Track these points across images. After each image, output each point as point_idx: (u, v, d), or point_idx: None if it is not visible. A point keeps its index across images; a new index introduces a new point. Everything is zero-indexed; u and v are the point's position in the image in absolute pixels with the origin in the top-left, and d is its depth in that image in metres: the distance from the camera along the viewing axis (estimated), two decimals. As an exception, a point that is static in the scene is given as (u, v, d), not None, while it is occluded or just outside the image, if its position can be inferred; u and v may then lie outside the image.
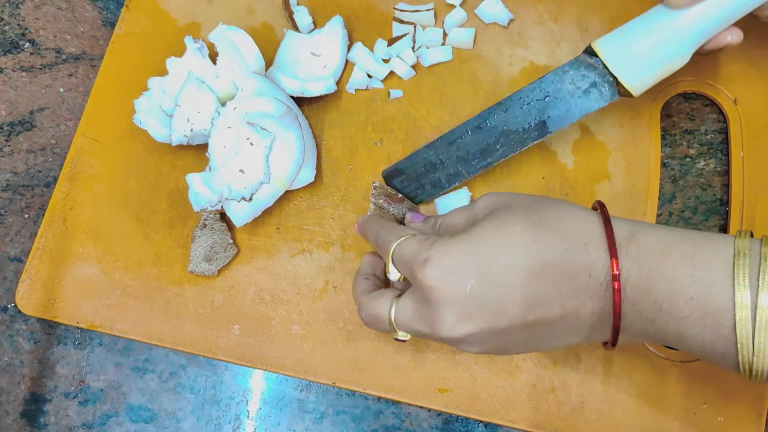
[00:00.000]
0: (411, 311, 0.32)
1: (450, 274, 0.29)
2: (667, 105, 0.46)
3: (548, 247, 0.29)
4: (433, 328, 0.30)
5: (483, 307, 0.29)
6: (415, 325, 0.32)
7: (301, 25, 0.47)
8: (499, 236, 0.30)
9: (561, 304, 0.29)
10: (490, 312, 0.29)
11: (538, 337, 0.30)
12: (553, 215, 0.30)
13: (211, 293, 0.43)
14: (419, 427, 0.41)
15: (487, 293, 0.29)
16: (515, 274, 0.29)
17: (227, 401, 0.42)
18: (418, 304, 0.31)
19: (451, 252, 0.30)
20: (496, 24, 0.47)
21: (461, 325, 0.29)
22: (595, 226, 0.30)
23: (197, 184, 0.41)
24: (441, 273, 0.29)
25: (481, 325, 0.29)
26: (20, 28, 0.51)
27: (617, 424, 0.39)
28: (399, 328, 0.33)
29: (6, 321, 0.45)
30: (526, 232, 0.29)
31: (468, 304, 0.29)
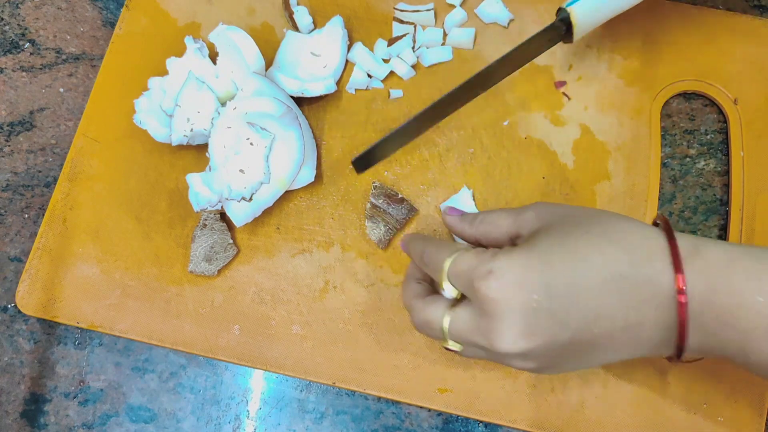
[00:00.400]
0: (468, 322, 0.31)
1: (515, 287, 0.29)
2: (667, 105, 0.46)
3: (613, 261, 0.29)
4: (492, 342, 0.29)
5: (547, 321, 0.28)
6: (471, 336, 0.31)
7: (301, 25, 0.47)
8: (563, 250, 0.29)
9: (625, 317, 0.29)
10: (554, 326, 0.28)
11: (598, 351, 0.30)
12: (615, 228, 0.30)
13: (211, 293, 0.43)
14: (419, 427, 0.41)
15: (552, 307, 0.28)
16: (581, 287, 0.28)
17: (227, 401, 0.42)
18: (477, 316, 0.30)
19: (515, 264, 0.29)
20: (496, 24, 0.47)
21: (523, 340, 0.29)
22: (658, 240, 0.30)
23: (197, 184, 0.41)
24: (505, 285, 0.29)
25: (543, 339, 0.29)
26: (20, 28, 0.51)
27: (617, 424, 0.39)
28: (452, 337, 0.32)
29: (6, 321, 0.45)
30: (591, 246, 0.29)
31: (532, 317, 0.28)
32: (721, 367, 0.39)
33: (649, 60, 0.46)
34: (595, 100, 0.45)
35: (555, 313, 0.28)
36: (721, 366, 0.39)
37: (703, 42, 0.46)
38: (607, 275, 0.29)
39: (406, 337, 0.41)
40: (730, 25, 0.46)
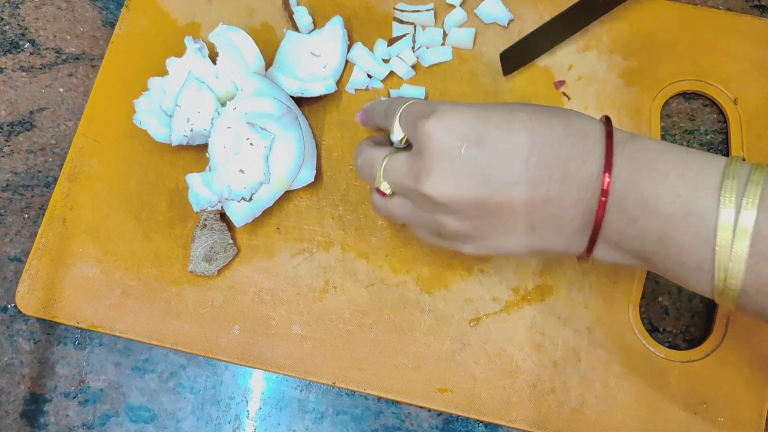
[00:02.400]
0: (402, 163, 0.32)
1: (450, 131, 0.30)
2: (667, 105, 0.46)
3: (548, 129, 0.30)
4: (418, 181, 0.30)
5: (471, 171, 0.29)
6: (402, 177, 0.32)
7: (301, 25, 0.47)
8: (506, 111, 0.30)
9: (547, 187, 0.29)
10: (477, 178, 0.29)
11: (517, 222, 0.30)
12: (562, 110, 0.31)
13: (211, 293, 0.43)
14: (419, 427, 0.41)
15: (479, 158, 0.29)
16: (511, 146, 0.29)
17: (227, 401, 0.42)
18: (412, 157, 0.32)
19: (456, 111, 0.30)
20: (496, 24, 0.47)
21: (445, 183, 0.30)
22: (598, 126, 0.30)
23: (197, 185, 0.41)
24: (442, 127, 0.30)
25: (463, 190, 0.30)
26: (20, 28, 0.51)
27: (617, 424, 0.39)
28: (386, 177, 0.33)
29: (6, 321, 0.45)
30: (533, 116, 0.30)
31: (458, 163, 0.30)
32: (721, 367, 0.39)
33: (649, 60, 0.46)
34: (595, 100, 0.45)
35: (480, 165, 0.29)
36: (721, 366, 0.39)
37: (703, 42, 0.46)
38: (538, 142, 0.29)
39: (406, 337, 0.41)
40: (730, 25, 0.46)
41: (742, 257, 0.26)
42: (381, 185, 0.34)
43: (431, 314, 0.41)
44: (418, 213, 0.33)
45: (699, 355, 0.39)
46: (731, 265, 0.26)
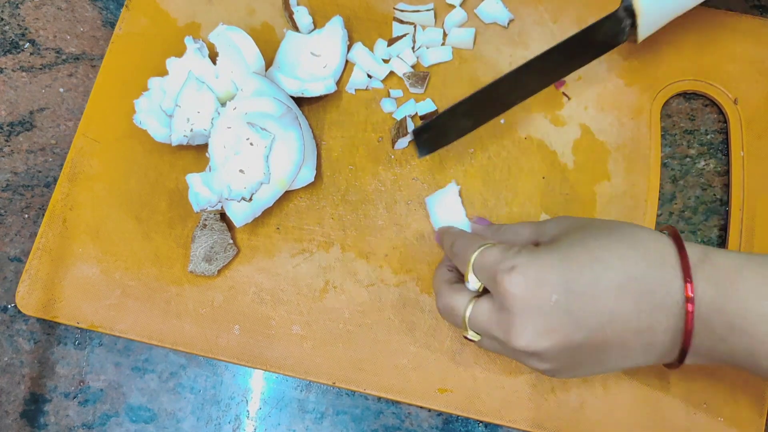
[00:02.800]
0: (488, 315, 0.32)
1: (536, 284, 0.29)
2: (667, 105, 0.46)
3: (631, 264, 0.30)
4: (509, 337, 0.30)
5: (564, 320, 0.29)
6: (490, 329, 0.32)
7: (301, 25, 0.47)
8: (584, 251, 0.30)
9: (638, 320, 0.29)
10: (570, 325, 0.29)
11: (611, 354, 0.30)
12: (632, 235, 0.31)
13: (211, 293, 0.43)
14: (419, 427, 0.41)
15: (570, 306, 0.29)
16: (598, 288, 0.29)
17: (227, 401, 0.42)
18: (497, 310, 0.31)
19: (538, 263, 0.30)
20: (496, 24, 0.47)
21: (539, 338, 0.29)
22: (670, 247, 0.30)
23: (197, 185, 0.40)
24: (526, 282, 0.29)
25: (559, 339, 0.29)
26: (20, 28, 0.51)
27: (617, 424, 0.39)
28: (471, 327, 0.33)
29: (6, 321, 0.45)
30: (610, 249, 0.30)
31: (550, 316, 0.29)
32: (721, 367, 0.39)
33: (649, 60, 0.46)
34: (595, 100, 0.45)
35: (572, 313, 0.29)
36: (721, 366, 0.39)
37: (703, 42, 0.46)
38: (623, 278, 0.29)
39: (406, 337, 0.41)
40: (730, 25, 0.46)
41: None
42: (469, 334, 0.33)
43: (431, 314, 0.41)
44: (507, 353, 0.33)
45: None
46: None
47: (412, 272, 0.42)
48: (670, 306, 0.29)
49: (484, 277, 0.32)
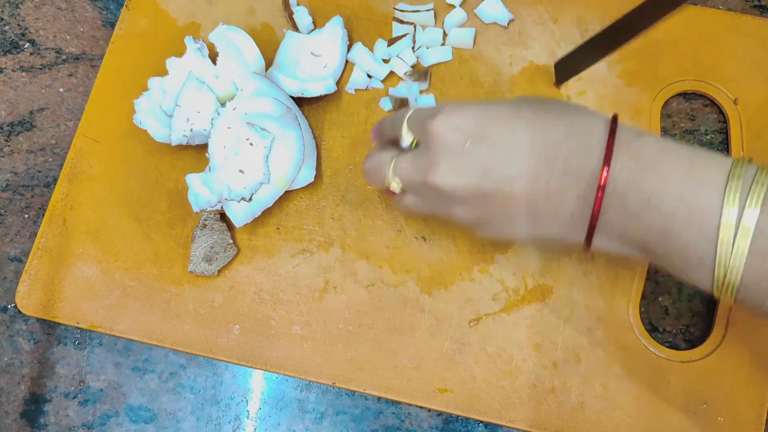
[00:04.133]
0: (410, 160, 0.34)
1: (455, 128, 0.32)
2: (667, 105, 0.46)
3: (552, 129, 0.31)
4: (426, 174, 0.32)
5: (474, 165, 0.31)
6: (412, 172, 0.34)
7: (301, 24, 0.47)
8: (510, 111, 0.32)
9: (548, 181, 0.30)
10: (479, 171, 0.31)
11: (519, 214, 0.32)
12: (567, 109, 0.32)
13: (211, 293, 0.43)
14: (419, 427, 0.41)
15: (481, 153, 0.31)
16: (512, 143, 0.31)
17: (227, 401, 0.42)
18: (419, 154, 0.34)
19: (462, 110, 0.32)
20: (496, 24, 0.47)
21: (452, 175, 0.32)
22: (602, 125, 0.31)
23: (197, 185, 0.40)
24: (447, 124, 0.32)
25: (469, 181, 0.31)
26: (20, 28, 0.51)
27: (617, 424, 0.39)
28: (395, 174, 0.35)
29: (6, 321, 0.45)
30: (538, 114, 0.32)
31: (462, 157, 0.31)
32: (721, 367, 0.39)
33: (649, 60, 0.46)
34: (595, 100, 0.45)
35: (481, 160, 0.31)
36: (721, 366, 0.39)
37: (703, 42, 0.46)
38: (539, 140, 0.31)
39: (406, 337, 0.41)
40: (730, 25, 0.46)
41: (742, 254, 0.27)
42: (391, 184, 0.35)
43: (431, 314, 0.41)
44: (428, 205, 0.35)
45: (699, 355, 0.39)
46: (732, 262, 0.27)
47: (412, 272, 0.42)
48: (584, 173, 0.30)
49: (414, 127, 0.35)
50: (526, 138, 0.31)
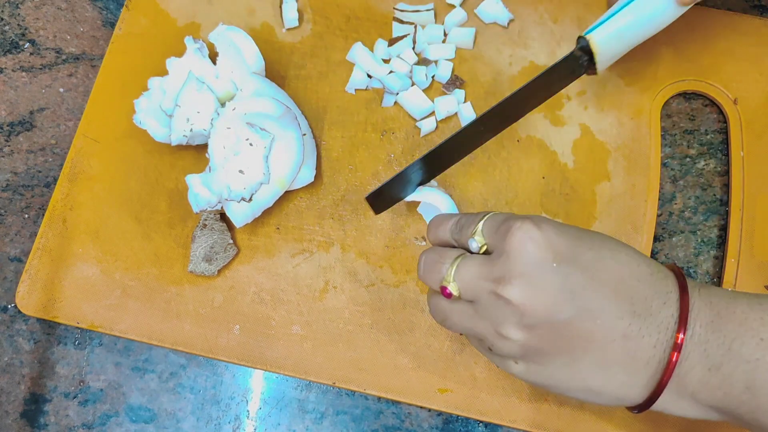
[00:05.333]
0: (480, 264, 0.30)
1: (545, 242, 0.28)
2: (667, 105, 0.46)
3: (636, 265, 0.29)
4: (499, 284, 0.28)
5: (559, 287, 0.28)
6: (479, 277, 0.30)
7: (287, 19, 0.47)
8: (597, 237, 0.30)
9: (630, 322, 0.28)
10: (564, 295, 0.28)
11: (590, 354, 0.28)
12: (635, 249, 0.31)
13: (211, 293, 0.43)
14: (419, 427, 0.41)
15: (571, 276, 0.28)
16: (602, 272, 0.28)
17: (227, 401, 0.42)
18: (492, 261, 0.30)
19: (551, 225, 0.29)
20: (496, 24, 0.47)
21: (529, 292, 0.28)
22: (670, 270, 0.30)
23: (197, 185, 0.40)
24: (536, 237, 0.28)
25: (547, 303, 0.28)
26: (20, 28, 0.51)
27: (617, 424, 0.39)
28: (457, 277, 0.31)
29: (6, 321, 0.45)
30: (621, 247, 0.30)
31: (548, 276, 0.28)
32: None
33: (649, 60, 0.46)
34: (595, 100, 0.45)
35: (570, 283, 0.28)
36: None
37: (703, 42, 0.46)
38: (626, 272, 0.29)
39: (407, 337, 0.41)
40: (730, 25, 0.46)
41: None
42: (450, 285, 0.31)
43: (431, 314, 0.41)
44: (478, 322, 0.31)
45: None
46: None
47: (412, 272, 0.42)
48: (664, 319, 0.28)
49: (492, 232, 0.31)
50: (615, 269, 0.28)
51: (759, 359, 0.26)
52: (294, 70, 0.47)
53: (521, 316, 0.28)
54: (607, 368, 0.29)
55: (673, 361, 0.28)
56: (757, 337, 0.27)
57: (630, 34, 0.38)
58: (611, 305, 0.28)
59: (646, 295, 0.28)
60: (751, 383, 0.27)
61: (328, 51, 0.47)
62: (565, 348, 0.29)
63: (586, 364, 0.29)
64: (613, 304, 0.28)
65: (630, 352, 0.28)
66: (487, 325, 0.30)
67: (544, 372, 0.30)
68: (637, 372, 0.29)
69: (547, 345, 0.29)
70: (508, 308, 0.29)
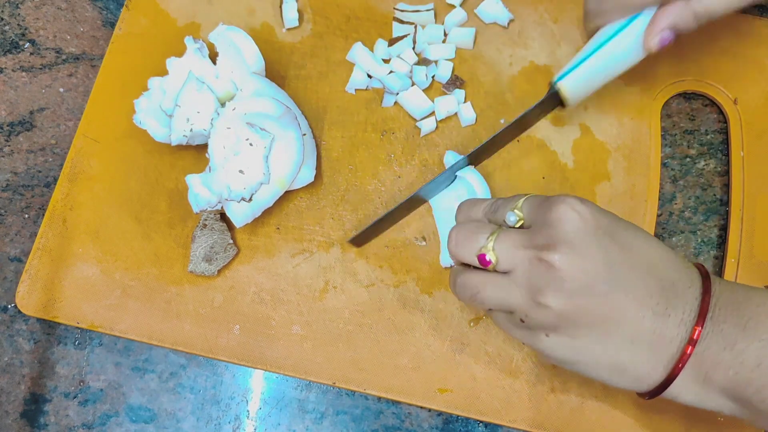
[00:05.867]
0: (520, 235, 0.31)
1: (590, 214, 0.30)
2: (667, 105, 0.46)
3: (665, 250, 0.31)
4: (543, 250, 0.29)
5: (600, 258, 0.29)
6: (520, 245, 0.31)
7: (287, 18, 0.47)
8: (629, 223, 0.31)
9: (658, 300, 0.29)
10: (604, 267, 0.29)
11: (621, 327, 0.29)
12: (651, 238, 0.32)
13: (211, 293, 0.43)
14: (419, 427, 0.41)
15: (610, 249, 0.29)
16: (638, 250, 0.30)
17: (227, 401, 0.42)
18: (532, 233, 0.31)
19: (591, 204, 0.31)
20: (496, 24, 0.47)
21: (570, 258, 0.29)
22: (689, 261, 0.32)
23: (197, 185, 0.40)
24: (581, 209, 0.30)
25: (589, 269, 0.29)
26: (20, 28, 0.51)
27: (617, 424, 0.39)
28: (497, 246, 0.31)
29: (6, 321, 0.45)
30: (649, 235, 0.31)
31: (592, 243, 0.29)
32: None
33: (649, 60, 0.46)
34: (595, 100, 0.45)
35: (610, 255, 0.29)
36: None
37: (703, 42, 0.46)
38: (657, 258, 0.30)
39: (407, 337, 0.41)
40: (730, 25, 0.46)
41: None
42: (488, 253, 0.31)
43: (431, 314, 0.41)
44: (513, 291, 0.31)
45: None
46: None
47: (412, 272, 0.42)
48: (689, 299, 0.29)
49: (532, 209, 0.31)
50: (649, 250, 0.30)
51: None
52: (294, 70, 0.47)
53: (563, 282, 0.29)
54: (635, 344, 0.30)
55: (694, 338, 0.29)
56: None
57: (598, 77, 0.40)
58: (644, 282, 0.29)
59: (674, 279, 0.30)
60: (761, 360, 0.28)
61: (328, 51, 0.47)
62: (599, 321, 0.29)
63: (616, 338, 0.30)
64: (646, 282, 0.29)
65: (657, 329, 0.29)
66: (523, 294, 0.30)
67: (575, 346, 0.30)
68: (661, 349, 0.29)
69: (582, 316, 0.29)
70: (550, 273, 0.29)
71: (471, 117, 0.45)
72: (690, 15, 0.37)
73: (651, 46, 0.38)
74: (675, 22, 0.37)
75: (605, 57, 0.39)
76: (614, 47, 0.38)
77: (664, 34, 0.37)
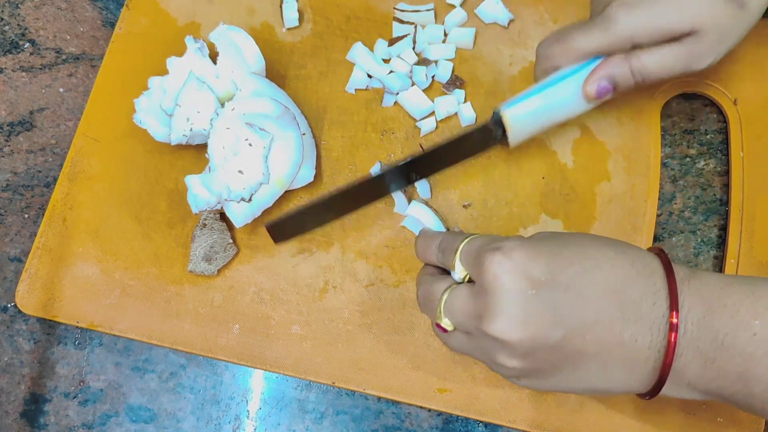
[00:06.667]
0: (465, 298, 0.30)
1: (519, 271, 0.28)
2: (667, 105, 0.46)
3: (619, 267, 0.29)
4: (482, 321, 0.28)
5: (542, 313, 0.28)
6: (464, 315, 0.30)
7: (287, 18, 0.47)
8: (575, 247, 0.29)
9: (622, 329, 0.28)
10: (549, 319, 0.28)
11: (589, 366, 0.29)
12: (621, 244, 0.30)
13: (211, 293, 0.43)
14: (419, 427, 0.41)
15: (552, 299, 0.28)
16: (586, 284, 0.28)
17: (227, 401, 0.42)
18: (474, 295, 0.30)
19: (525, 248, 0.29)
20: (496, 24, 0.47)
21: (513, 326, 0.28)
22: (658, 261, 0.30)
23: (196, 186, 0.40)
24: (509, 266, 0.28)
25: (534, 332, 0.28)
26: (20, 28, 0.51)
27: (617, 424, 0.39)
28: (446, 313, 0.31)
29: (6, 321, 0.45)
30: (602, 250, 0.29)
31: (529, 304, 0.28)
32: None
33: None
34: (595, 100, 0.45)
35: (553, 306, 0.28)
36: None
37: (703, 42, 0.46)
38: (611, 280, 0.28)
39: (406, 337, 0.41)
40: (730, 25, 0.46)
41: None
42: (442, 321, 0.31)
43: (431, 314, 0.41)
44: (474, 350, 0.31)
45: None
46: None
47: (412, 272, 0.42)
48: (656, 318, 0.28)
49: (469, 262, 0.31)
50: (600, 280, 0.28)
51: (752, 353, 0.27)
52: (294, 70, 0.47)
53: (512, 347, 0.28)
54: (609, 371, 0.29)
55: (667, 363, 0.28)
56: (749, 331, 0.27)
57: (540, 117, 0.39)
58: (601, 317, 0.28)
59: (634, 299, 0.28)
60: (743, 374, 0.27)
61: (328, 51, 0.47)
62: (564, 363, 0.29)
63: (587, 371, 0.29)
64: (603, 315, 0.28)
65: (627, 355, 0.28)
66: (482, 354, 0.31)
67: (549, 383, 0.31)
68: (637, 369, 0.29)
69: (544, 365, 0.29)
70: (497, 342, 0.29)
71: (471, 117, 0.45)
72: (627, 70, 0.36)
73: (588, 92, 0.37)
74: (612, 73, 0.36)
75: (550, 99, 0.38)
76: (558, 91, 0.38)
77: (601, 83, 0.37)
